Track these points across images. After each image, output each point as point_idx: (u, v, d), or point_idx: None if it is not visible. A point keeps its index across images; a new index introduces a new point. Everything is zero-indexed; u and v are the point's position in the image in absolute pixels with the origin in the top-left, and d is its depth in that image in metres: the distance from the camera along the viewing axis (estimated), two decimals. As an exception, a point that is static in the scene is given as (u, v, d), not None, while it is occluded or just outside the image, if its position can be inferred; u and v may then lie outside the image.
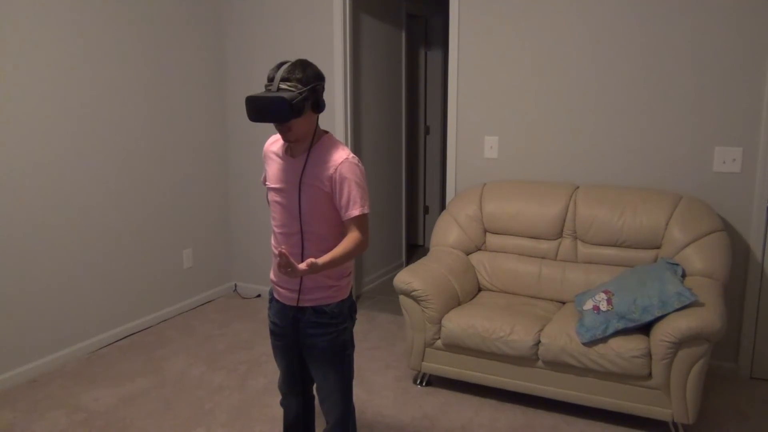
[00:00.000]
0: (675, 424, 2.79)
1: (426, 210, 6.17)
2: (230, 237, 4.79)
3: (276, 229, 2.17)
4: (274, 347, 2.31)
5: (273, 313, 2.27)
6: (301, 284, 2.13)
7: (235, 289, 4.85)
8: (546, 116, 3.68)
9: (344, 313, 2.19)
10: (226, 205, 4.75)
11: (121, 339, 3.93)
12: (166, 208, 4.22)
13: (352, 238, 2.04)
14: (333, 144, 2.11)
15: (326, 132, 2.15)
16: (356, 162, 2.07)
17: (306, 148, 2.09)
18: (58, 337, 3.56)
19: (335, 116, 4.23)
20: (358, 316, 4.34)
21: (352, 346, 2.26)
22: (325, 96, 4.22)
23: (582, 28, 3.52)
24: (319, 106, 2.03)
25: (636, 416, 2.88)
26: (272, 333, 2.29)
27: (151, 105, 4.03)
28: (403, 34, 5.17)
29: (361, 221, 2.06)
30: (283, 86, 1.96)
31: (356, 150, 4.51)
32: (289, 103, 1.91)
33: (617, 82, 3.48)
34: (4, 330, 3.29)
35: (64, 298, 3.58)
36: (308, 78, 1.98)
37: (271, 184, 2.17)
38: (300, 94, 1.95)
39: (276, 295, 2.24)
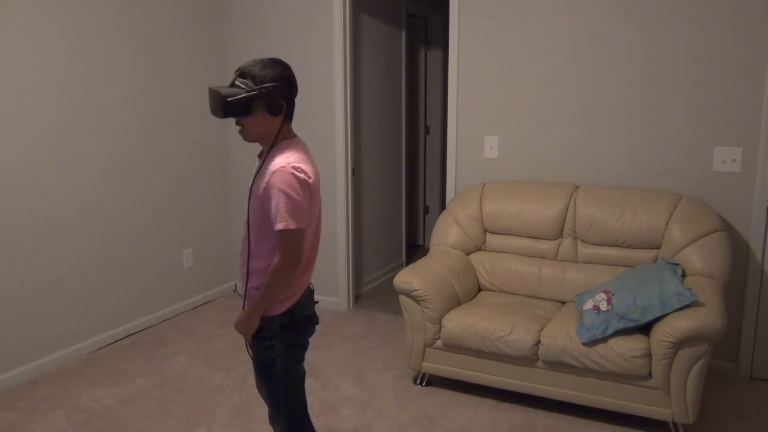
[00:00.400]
0: (675, 424, 2.79)
1: (426, 210, 6.17)
2: (230, 237, 4.79)
3: None
4: None
5: None
6: (246, 290, 2.05)
7: (235, 289, 4.85)
8: (546, 116, 3.68)
9: (272, 330, 2.00)
10: (226, 205, 4.75)
11: (121, 339, 3.93)
12: (166, 208, 4.22)
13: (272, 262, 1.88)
14: (283, 149, 1.92)
15: (291, 137, 1.98)
16: (292, 170, 1.84)
17: (266, 152, 1.96)
18: (58, 337, 3.56)
19: (335, 116, 4.23)
20: (358, 316, 4.34)
21: (287, 368, 2.04)
22: (326, 96, 4.22)
23: (582, 28, 3.52)
24: (272, 109, 1.90)
25: (636, 416, 2.88)
26: None
27: (151, 105, 4.03)
28: (403, 34, 5.17)
29: (283, 237, 1.84)
30: (237, 82, 1.90)
31: (356, 150, 4.51)
32: (224, 99, 1.84)
33: (617, 81, 3.48)
34: (5, 330, 3.29)
35: (64, 298, 3.58)
36: (263, 78, 1.88)
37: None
38: (248, 92, 1.87)
39: None
